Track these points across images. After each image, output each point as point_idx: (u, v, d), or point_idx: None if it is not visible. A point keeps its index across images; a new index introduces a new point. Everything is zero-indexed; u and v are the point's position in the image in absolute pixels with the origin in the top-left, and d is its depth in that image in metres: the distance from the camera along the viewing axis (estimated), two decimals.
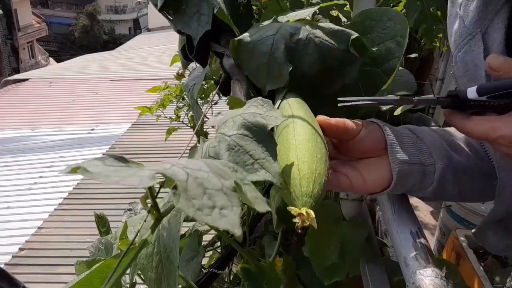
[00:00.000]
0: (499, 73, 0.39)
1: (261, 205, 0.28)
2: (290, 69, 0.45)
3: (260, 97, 0.38)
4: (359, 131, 0.46)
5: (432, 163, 0.48)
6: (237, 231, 0.22)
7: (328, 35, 0.48)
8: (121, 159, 0.25)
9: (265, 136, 0.34)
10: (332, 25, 0.50)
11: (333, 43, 0.48)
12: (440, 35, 1.41)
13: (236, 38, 0.48)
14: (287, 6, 0.55)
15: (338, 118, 0.45)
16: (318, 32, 0.48)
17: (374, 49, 0.52)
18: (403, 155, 0.46)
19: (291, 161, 0.36)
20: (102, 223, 0.78)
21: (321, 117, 0.45)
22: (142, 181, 0.22)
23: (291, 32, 0.46)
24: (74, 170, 0.23)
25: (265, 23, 0.52)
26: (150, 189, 0.28)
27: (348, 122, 0.46)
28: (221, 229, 0.22)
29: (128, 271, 0.41)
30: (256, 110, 0.36)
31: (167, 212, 0.31)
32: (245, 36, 0.47)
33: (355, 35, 0.48)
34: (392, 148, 0.46)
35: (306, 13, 0.52)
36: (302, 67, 0.46)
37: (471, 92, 0.40)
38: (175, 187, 0.23)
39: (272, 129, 0.35)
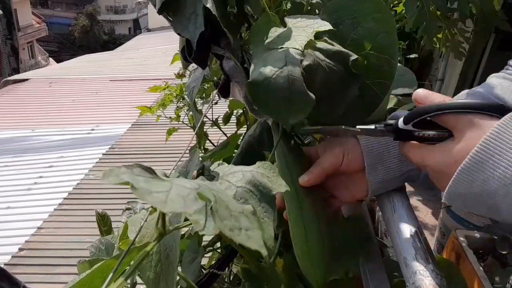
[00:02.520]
0: (421, 104, 0.43)
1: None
2: (314, 97, 0.43)
3: (269, 162, 0.41)
4: (341, 161, 0.50)
5: None
6: (264, 251, 0.25)
7: (328, 57, 0.48)
8: (148, 169, 0.27)
9: (268, 199, 0.36)
10: (329, 46, 0.49)
11: (334, 65, 0.48)
12: (440, 35, 1.41)
13: (248, 81, 0.46)
14: (278, 19, 0.53)
15: (315, 169, 0.50)
16: (319, 55, 0.47)
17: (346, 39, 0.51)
18: (379, 176, 0.50)
19: (311, 270, 0.46)
20: (103, 221, 0.77)
21: (302, 181, 0.49)
22: (187, 204, 0.24)
23: (300, 59, 0.45)
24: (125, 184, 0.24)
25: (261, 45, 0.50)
26: None
27: (326, 165, 0.50)
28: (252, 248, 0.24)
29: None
30: (265, 171, 0.39)
31: (171, 231, 0.32)
32: (255, 75, 0.45)
33: (354, 56, 0.48)
34: (369, 173, 0.50)
35: (299, 43, 0.48)
36: (314, 92, 0.45)
37: (401, 122, 0.44)
38: (211, 208, 0.25)
39: None
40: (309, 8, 0.71)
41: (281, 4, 0.77)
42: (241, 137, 1.00)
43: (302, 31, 0.49)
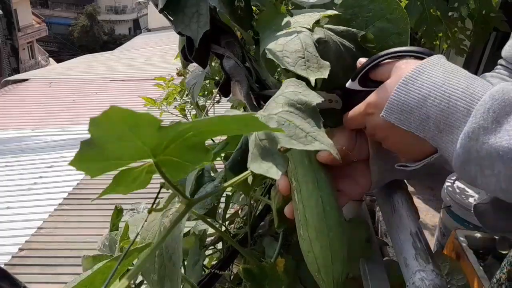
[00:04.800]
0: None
1: None
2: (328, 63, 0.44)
3: (295, 78, 0.39)
4: (355, 143, 0.49)
5: None
6: (333, 150, 0.25)
7: (338, 35, 0.49)
8: None
9: (310, 113, 0.35)
10: (336, 26, 0.50)
11: (346, 42, 0.49)
12: (441, 35, 1.42)
13: (263, 49, 0.47)
14: (284, 9, 0.54)
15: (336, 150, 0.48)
16: (330, 32, 0.48)
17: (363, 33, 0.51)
18: (383, 166, 0.49)
19: (327, 257, 0.41)
20: (118, 218, 0.76)
21: (322, 157, 0.45)
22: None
23: (309, 33, 0.46)
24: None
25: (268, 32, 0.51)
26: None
27: (342, 144, 0.48)
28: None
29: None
30: (295, 89, 0.37)
31: (196, 200, 0.31)
32: (271, 45, 0.46)
33: (362, 32, 0.49)
34: (373, 160, 0.50)
35: (306, 22, 0.50)
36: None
37: (348, 82, 0.48)
38: None
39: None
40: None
41: (282, 3, 0.77)
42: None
43: (308, 17, 0.50)
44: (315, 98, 0.36)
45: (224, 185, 0.34)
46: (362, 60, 0.48)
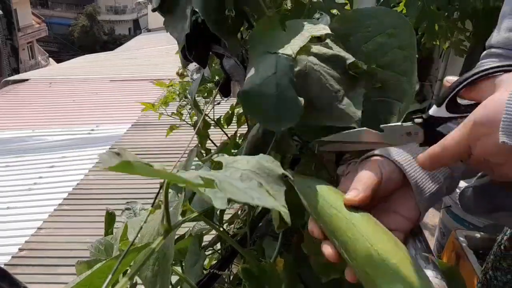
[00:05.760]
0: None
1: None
2: (303, 103, 0.43)
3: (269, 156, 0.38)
4: (381, 175, 0.43)
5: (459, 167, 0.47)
6: (284, 210, 0.25)
7: (323, 62, 0.47)
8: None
9: (275, 179, 0.33)
10: (325, 49, 0.48)
11: (330, 69, 0.47)
12: (441, 35, 1.42)
13: (240, 90, 0.46)
14: (278, 24, 0.53)
15: (357, 184, 0.41)
16: (313, 59, 0.47)
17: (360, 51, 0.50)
18: (428, 191, 0.44)
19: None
20: (111, 221, 0.76)
21: (351, 197, 0.40)
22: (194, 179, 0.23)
23: (290, 65, 0.44)
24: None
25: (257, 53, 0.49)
26: (166, 198, 0.29)
27: (368, 179, 0.42)
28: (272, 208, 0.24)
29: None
30: (269, 159, 0.36)
31: (177, 225, 0.31)
32: (247, 83, 0.45)
33: (351, 59, 0.47)
34: (417, 191, 0.44)
35: (298, 43, 0.48)
36: (308, 98, 0.44)
37: (433, 109, 0.40)
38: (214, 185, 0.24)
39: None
40: (310, 6, 0.71)
41: (281, 4, 0.77)
42: (242, 138, 1.00)
43: (300, 36, 0.48)
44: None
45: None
46: (450, 79, 0.41)
